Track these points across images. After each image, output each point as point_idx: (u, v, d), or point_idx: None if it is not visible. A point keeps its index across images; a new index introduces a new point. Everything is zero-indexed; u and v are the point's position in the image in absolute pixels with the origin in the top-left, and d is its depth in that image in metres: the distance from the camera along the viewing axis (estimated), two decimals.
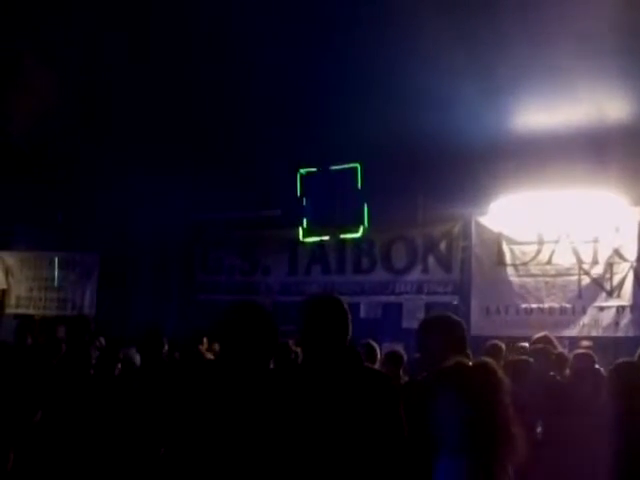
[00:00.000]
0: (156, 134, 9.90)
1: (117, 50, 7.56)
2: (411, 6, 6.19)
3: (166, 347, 6.89)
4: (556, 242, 10.22)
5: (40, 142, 9.80)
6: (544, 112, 8.74)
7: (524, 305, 10.30)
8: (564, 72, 7.45)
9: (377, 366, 6.95)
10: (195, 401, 3.52)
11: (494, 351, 7.58)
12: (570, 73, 7.44)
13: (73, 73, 8.16)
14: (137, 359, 6.93)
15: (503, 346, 7.90)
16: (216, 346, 8.06)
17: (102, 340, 8.41)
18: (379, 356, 7.08)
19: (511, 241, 10.53)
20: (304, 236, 11.54)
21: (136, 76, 8.21)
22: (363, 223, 11.05)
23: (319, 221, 11.40)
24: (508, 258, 10.52)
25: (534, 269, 10.33)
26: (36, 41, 7.48)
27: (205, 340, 8.61)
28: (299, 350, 6.58)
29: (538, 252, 10.33)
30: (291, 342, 7.16)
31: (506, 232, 10.56)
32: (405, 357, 7.02)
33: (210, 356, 7.73)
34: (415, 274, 11.17)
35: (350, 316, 3.69)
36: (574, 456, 5.32)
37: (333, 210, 11.21)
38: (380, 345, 7.71)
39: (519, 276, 10.41)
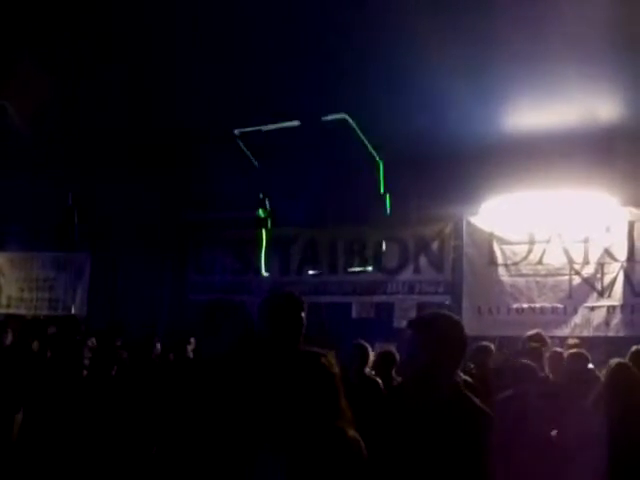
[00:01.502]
0: (147, 134, 9.89)
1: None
2: (404, 6, 6.20)
3: (159, 348, 6.88)
4: (547, 242, 10.25)
5: (36, 142, 9.77)
6: (535, 113, 8.76)
7: (515, 305, 10.32)
8: (556, 73, 7.47)
9: (369, 366, 6.97)
10: (184, 400, 3.54)
11: (484, 352, 7.60)
12: (562, 74, 7.46)
13: (65, 71, 8.14)
14: None
15: (492, 347, 7.92)
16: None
17: (93, 340, 8.40)
18: (371, 356, 7.09)
19: (502, 241, 10.56)
20: (269, 237, 10.92)
21: (126, 72, 8.19)
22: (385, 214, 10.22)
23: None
24: (499, 258, 10.55)
25: (525, 269, 10.36)
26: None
27: (193, 340, 8.61)
28: None
29: (529, 252, 10.36)
30: None
31: (497, 232, 10.59)
32: (398, 358, 7.02)
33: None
34: (407, 274, 11.18)
35: (301, 314, 3.75)
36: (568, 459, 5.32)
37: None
38: (372, 345, 7.72)
39: (510, 276, 10.44)
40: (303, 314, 3.84)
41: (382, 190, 10.25)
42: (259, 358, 3.58)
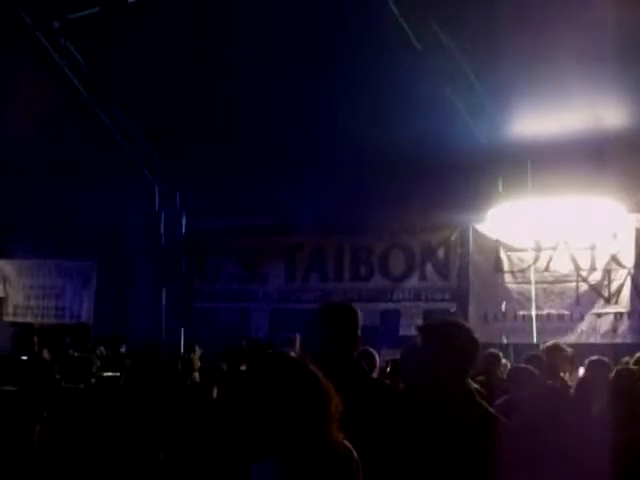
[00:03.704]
0: (156, 142, 9.92)
1: None
2: (412, 16, 6.24)
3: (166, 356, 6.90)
4: (554, 249, 10.23)
5: (39, 149, 9.81)
6: (542, 120, 8.77)
7: (522, 312, 10.30)
8: (562, 80, 7.48)
9: (376, 373, 6.96)
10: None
11: (491, 360, 7.59)
12: (568, 81, 7.48)
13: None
14: None
15: (500, 354, 7.91)
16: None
17: (102, 348, 8.42)
18: (378, 363, 7.08)
19: (509, 248, 10.54)
20: None
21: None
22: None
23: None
24: (506, 265, 10.53)
25: (532, 276, 10.34)
26: None
27: (197, 348, 8.63)
28: None
29: (536, 259, 10.34)
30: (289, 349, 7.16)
31: (504, 239, 10.57)
32: None
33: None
34: (413, 281, 11.17)
35: (358, 324, 3.72)
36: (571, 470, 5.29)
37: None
38: (378, 352, 7.70)
39: (517, 283, 10.42)
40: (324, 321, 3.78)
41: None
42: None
